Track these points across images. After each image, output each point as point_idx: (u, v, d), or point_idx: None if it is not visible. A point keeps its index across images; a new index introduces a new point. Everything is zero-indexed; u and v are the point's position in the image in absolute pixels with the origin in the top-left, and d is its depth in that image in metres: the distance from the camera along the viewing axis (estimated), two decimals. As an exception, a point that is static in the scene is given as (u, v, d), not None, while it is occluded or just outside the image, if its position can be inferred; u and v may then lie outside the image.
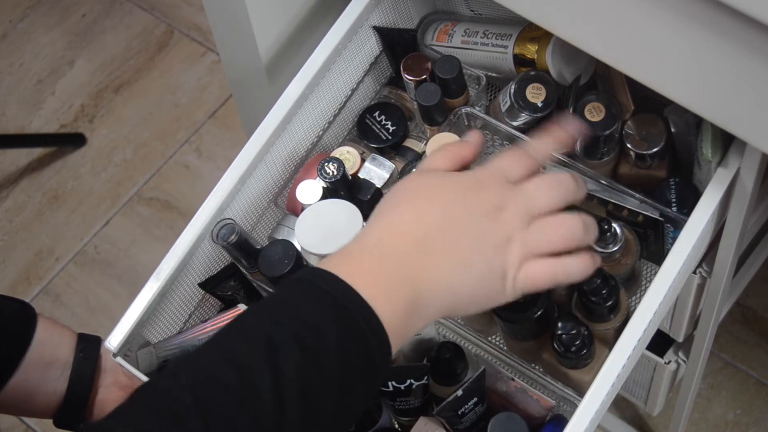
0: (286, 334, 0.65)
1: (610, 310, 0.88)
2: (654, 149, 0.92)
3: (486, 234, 0.73)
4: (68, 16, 2.05)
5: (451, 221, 0.73)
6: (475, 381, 0.88)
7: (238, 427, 0.61)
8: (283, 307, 0.68)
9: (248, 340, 0.66)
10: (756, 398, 1.53)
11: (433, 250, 0.72)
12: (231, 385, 0.63)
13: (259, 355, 0.64)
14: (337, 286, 0.68)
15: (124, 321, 0.90)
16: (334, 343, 0.66)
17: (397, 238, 0.72)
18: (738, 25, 0.67)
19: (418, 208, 0.74)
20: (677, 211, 0.92)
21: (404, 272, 0.70)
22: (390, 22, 1.02)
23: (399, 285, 0.70)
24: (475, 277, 0.73)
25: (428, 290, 0.71)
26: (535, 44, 0.95)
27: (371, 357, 0.67)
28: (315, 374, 0.65)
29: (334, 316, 0.67)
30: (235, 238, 0.89)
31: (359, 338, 0.67)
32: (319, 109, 0.99)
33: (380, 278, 0.70)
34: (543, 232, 0.75)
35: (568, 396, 0.90)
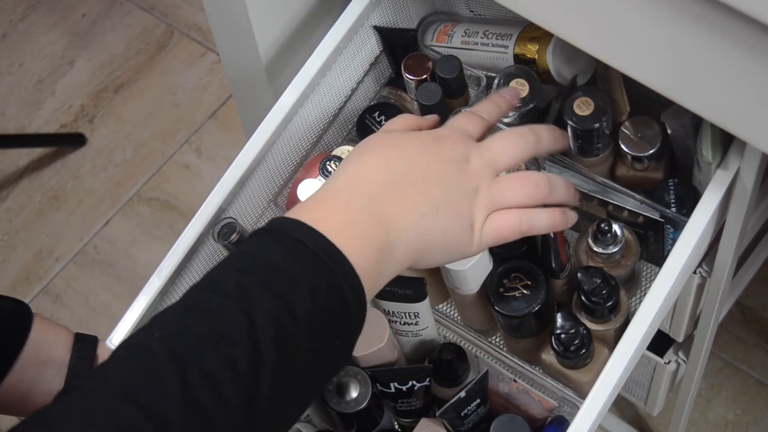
0: (256, 280, 0.66)
1: (611, 310, 0.88)
2: (650, 151, 0.93)
3: (454, 181, 0.75)
4: (68, 16, 2.05)
5: (419, 167, 0.75)
6: (478, 382, 0.88)
7: (214, 374, 0.61)
8: (250, 256, 0.68)
9: (218, 291, 0.66)
10: (756, 398, 1.53)
11: (402, 193, 0.73)
12: (204, 334, 0.63)
13: (231, 303, 0.64)
14: (305, 232, 0.68)
15: (126, 320, 0.90)
16: (306, 287, 0.66)
17: (365, 182, 0.73)
18: (738, 25, 0.67)
19: (385, 155, 0.75)
20: (676, 212, 0.92)
21: (373, 214, 0.71)
22: (390, 22, 1.02)
23: (368, 227, 0.71)
24: (444, 221, 0.74)
25: (398, 230, 0.72)
26: (535, 44, 0.95)
27: (345, 301, 0.67)
28: (288, 318, 0.64)
29: (303, 261, 0.67)
30: (236, 237, 0.89)
31: (330, 282, 0.67)
32: (319, 109, 0.99)
33: (349, 222, 0.70)
34: (508, 186, 0.77)
35: (569, 397, 0.90)
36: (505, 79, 0.94)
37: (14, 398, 0.89)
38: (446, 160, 0.76)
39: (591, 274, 0.87)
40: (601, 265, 0.91)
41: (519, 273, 0.89)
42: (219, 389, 0.61)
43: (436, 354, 0.92)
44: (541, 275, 0.89)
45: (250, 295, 0.65)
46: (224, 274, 0.68)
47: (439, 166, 0.75)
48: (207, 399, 0.61)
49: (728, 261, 0.97)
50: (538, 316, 0.89)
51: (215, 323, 0.63)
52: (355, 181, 0.74)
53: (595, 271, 0.87)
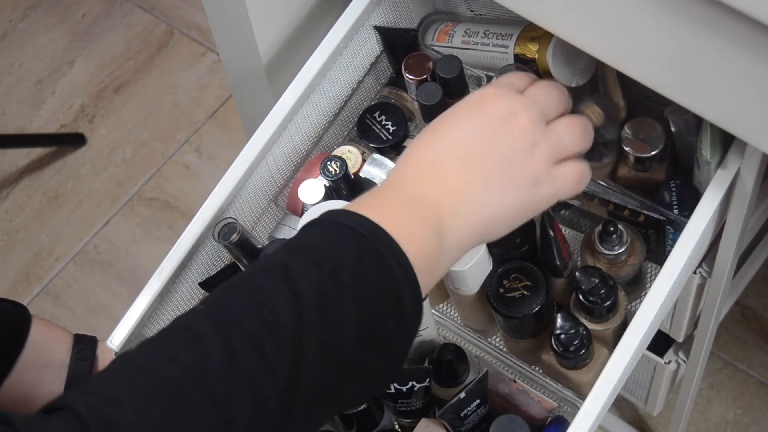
0: (303, 259, 0.65)
1: (609, 309, 0.88)
2: (653, 152, 0.92)
3: (503, 144, 0.72)
4: (68, 16, 2.05)
5: (461, 141, 0.73)
6: (478, 383, 0.88)
7: (257, 338, 0.61)
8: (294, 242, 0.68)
9: (263, 270, 0.66)
10: (756, 398, 1.53)
11: (448, 173, 0.72)
12: (247, 304, 0.63)
13: (274, 279, 0.64)
14: (352, 218, 0.68)
15: (126, 320, 0.89)
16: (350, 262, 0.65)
17: (411, 168, 0.73)
18: (738, 25, 0.67)
19: (428, 141, 0.74)
20: (677, 213, 0.92)
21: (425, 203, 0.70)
22: (390, 22, 1.02)
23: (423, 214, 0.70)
24: (501, 190, 0.72)
25: (451, 215, 0.70)
26: (535, 44, 0.95)
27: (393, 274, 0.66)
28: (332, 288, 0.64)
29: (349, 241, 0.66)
30: (237, 237, 0.89)
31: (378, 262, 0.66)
32: (319, 109, 0.99)
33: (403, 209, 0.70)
34: (569, 132, 0.75)
35: (569, 398, 0.90)
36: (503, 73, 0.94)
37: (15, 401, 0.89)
38: (490, 123, 0.73)
39: (589, 273, 0.87)
40: (608, 265, 0.91)
41: (519, 274, 0.89)
42: (262, 353, 0.61)
43: (435, 354, 0.92)
44: (541, 276, 0.89)
45: (294, 271, 0.64)
46: (271, 258, 0.68)
47: (483, 132, 0.73)
48: (250, 361, 0.60)
49: (728, 261, 0.97)
50: (538, 316, 0.89)
51: (258, 293, 0.64)
52: (402, 169, 0.74)
53: (593, 271, 0.87)
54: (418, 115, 0.98)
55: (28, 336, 0.89)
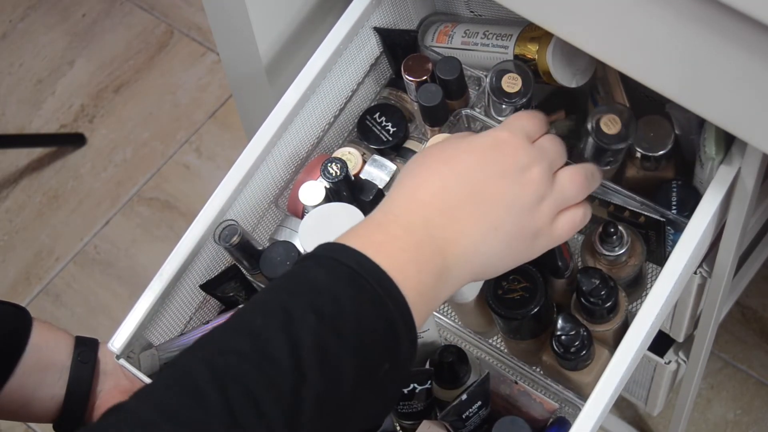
0: (301, 302, 0.65)
1: (609, 311, 0.88)
2: (662, 151, 0.92)
3: (515, 195, 0.73)
4: (68, 16, 2.05)
5: (477, 186, 0.73)
6: (479, 385, 0.88)
7: (257, 394, 0.61)
8: (297, 280, 0.68)
9: (262, 313, 0.65)
10: (756, 398, 1.53)
11: (460, 216, 0.71)
12: (247, 354, 0.62)
13: (275, 325, 0.63)
14: (351, 256, 0.67)
15: (127, 323, 0.89)
16: (351, 310, 0.65)
17: (422, 206, 0.72)
18: (738, 25, 0.67)
19: (440, 175, 0.73)
20: (677, 213, 0.92)
21: (431, 239, 0.70)
22: (390, 23, 1.02)
23: (426, 253, 0.69)
24: (503, 240, 0.73)
25: (457, 256, 0.71)
26: (535, 44, 0.95)
27: (391, 323, 0.66)
28: (332, 339, 0.64)
29: (349, 285, 0.66)
30: (238, 239, 0.89)
31: (376, 305, 0.66)
32: (319, 111, 0.99)
33: (406, 247, 0.69)
34: (574, 185, 0.76)
35: (570, 399, 0.90)
36: (498, 75, 0.93)
37: (16, 404, 0.89)
38: (505, 173, 0.73)
39: (590, 275, 0.87)
40: (608, 267, 0.91)
41: (517, 275, 0.89)
42: (261, 408, 0.60)
43: (437, 356, 0.92)
44: (540, 277, 0.89)
45: (294, 317, 0.64)
46: (269, 296, 0.67)
47: (498, 180, 0.73)
48: (249, 418, 0.60)
49: (729, 261, 0.97)
50: (537, 318, 0.89)
51: (258, 343, 0.63)
52: (411, 202, 0.72)
53: (593, 272, 0.87)
54: (418, 116, 0.98)
55: (29, 339, 0.89)
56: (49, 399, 0.90)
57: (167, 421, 0.60)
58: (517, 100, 0.92)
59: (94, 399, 0.91)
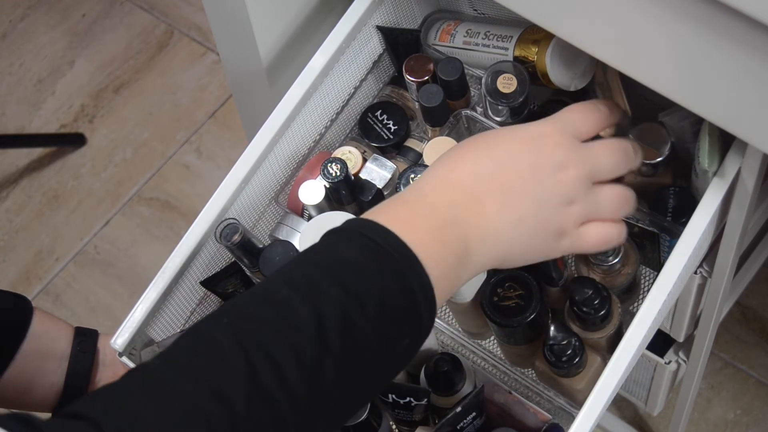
0: (327, 275, 0.65)
1: (602, 319, 0.88)
2: (660, 158, 0.92)
3: (546, 191, 0.73)
4: (68, 16, 2.05)
5: (509, 173, 0.72)
6: (474, 396, 0.88)
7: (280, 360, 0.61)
8: (323, 253, 0.68)
9: (287, 282, 0.66)
10: (756, 398, 1.53)
11: (487, 201, 0.71)
12: (272, 323, 0.63)
13: (300, 296, 0.64)
14: (379, 232, 0.67)
15: (130, 320, 0.89)
16: (376, 283, 0.65)
17: (451, 186, 0.72)
18: (738, 25, 0.67)
19: (475, 158, 0.73)
20: (673, 219, 0.91)
21: (456, 221, 0.70)
22: (393, 21, 1.02)
23: (449, 234, 0.70)
24: (528, 232, 0.73)
25: (478, 242, 0.71)
26: (535, 46, 0.95)
27: (415, 299, 0.66)
28: (356, 312, 0.64)
29: (374, 259, 0.66)
30: (239, 238, 0.89)
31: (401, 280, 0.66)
32: (321, 108, 0.99)
33: (431, 226, 0.69)
34: (609, 202, 0.75)
35: (564, 407, 0.90)
36: (493, 76, 0.94)
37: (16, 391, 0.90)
38: (540, 167, 0.73)
39: (583, 284, 0.87)
40: (602, 275, 0.91)
41: (513, 282, 0.89)
42: (283, 374, 0.61)
43: (432, 365, 0.92)
44: (535, 285, 0.89)
45: (319, 288, 0.64)
46: (294, 268, 0.68)
47: (531, 172, 0.73)
48: (271, 383, 0.61)
49: (729, 261, 0.97)
50: (532, 325, 0.89)
51: (282, 312, 0.64)
52: (442, 183, 0.72)
53: (587, 282, 0.87)
54: (420, 114, 0.98)
55: (29, 327, 0.89)
56: (48, 387, 0.91)
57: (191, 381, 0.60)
58: (512, 100, 0.92)
59: (93, 388, 0.92)
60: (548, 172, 0.73)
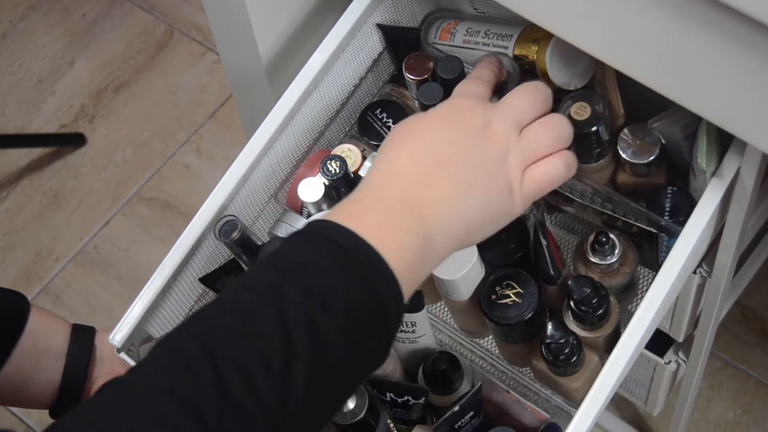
0: (289, 279, 0.66)
1: (600, 318, 0.88)
2: (649, 158, 0.92)
3: (481, 151, 0.74)
4: (68, 16, 2.05)
5: (443, 149, 0.74)
6: (472, 396, 0.88)
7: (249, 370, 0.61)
8: (284, 257, 0.69)
9: (250, 289, 0.66)
10: (756, 398, 1.53)
11: (433, 182, 0.73)
12: (238, 330, 0.63)
13: (263, 300, 0.64)
14: (337, 232, 0.68)
15: (129, 316, 0.90)
16: (339, 285, 0.66)
17: (396, 177, 0.73)
18: (738, 25, 0.67)
19: (410, 145, 0.75)
20: (671, 219, 0.91)
21: (409, 208, 0.71)
22: (393, 19, 1.02)
23: (406, 222, 0.70)
24: (480, 197, 0.74)
25: (437, 222, 0.71)
26: (535, 45, 0.95)
27: (380, 296, 0.67)
28: (321, 314, 0.64)
29: (336, 260, 0.67)
30: (238, 235, 0.90)
31: (364, 278, 0.66)
32: (321, 106, 0.99)
33: (386, 219, 0.70)
34: (538, 137, 0.76)
35: (561, 406, 0.90)
36: None
37: (13, 388, 0.90)
38: (468, 133, 0.75)
39: (581, 283, 0.87)
40: (600, 274, 0.91)
41: (510, 280, 0.89)
42: (253, 384, 0.61)
43: (430, 363, 0.92)
44: (533, 282, 0.89)
45: (282, 293, 0.65)
46: (257, 274, 0.68)
47: (463, 140, 0.74)
48: (241, 393, 0.61)
49: (728, 261, 0.97)
50: (530, 323, 0.89)
51: (248, 320, 0.64)
52: (388, 177, 0.74)
53: (585, 280, 0.87)
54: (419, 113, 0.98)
55: (26, 323, 0.90)
56: (46, 384, 0.91)
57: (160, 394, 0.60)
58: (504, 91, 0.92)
59: (91, 385, 0.92)
60: (476, 135, 0.75)
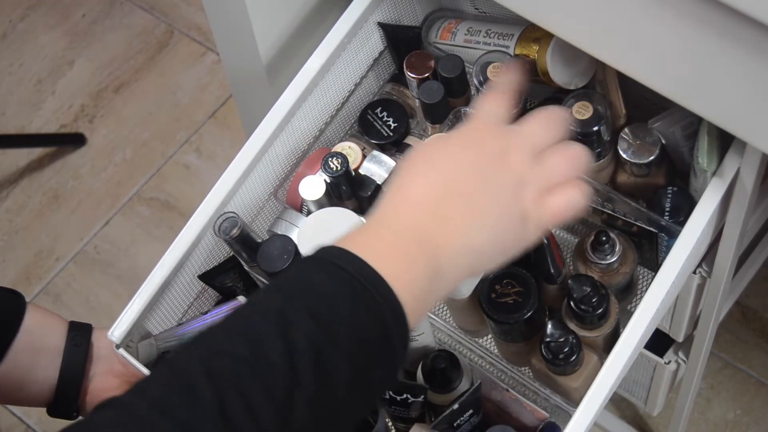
0: (298, 306, 0.65)
1: (600, 317, 0.88)
2: (649, 158, 0.92)
3: (496, 182, 0.73)
4: (68, 16, 2.05)
5: (459, 179, 0.73)
6: (471, 394, 0.88)
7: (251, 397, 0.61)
8: (295, 282, 0.68)
9: (259, 315, 0.66)
10: (756, 398, 1.53)
11: (447, 213, 0.71)
12: (243, 357, 0.63)
13: (271, 328, 0.64)
14: (348, 260, 0.67)
15: (128, 312, 0.90)
16: (347, 315, 0.65)
17: (408, 206, 0.72)
18: (738, 25, 0.67)
19: (425, 175, 0.73)
20: (670, 219, 0.91)
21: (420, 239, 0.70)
22: (394, 19, 1.02)
23: (416, 253, 0.70)
24: (493, 230, 0.72)
25: (449, 256, 0.71)
26: (536, 45, 0.95)
27: (386, 328, 0.66)
28: (328, 344, 0.64)
29: (347, 288, 0.66)
30: (237, 231, 0.90)
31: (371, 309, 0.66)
32: (321, 104, 0.99)
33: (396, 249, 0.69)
34: (556, 166, 0.75)
35: (560, 405, 0.90)
36: (482, 68, 0.94)
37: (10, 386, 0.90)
38: (485, 163, 0.73)
39: (581, 282, 0.87)
40: (600, 274, 0.91)
41: (511, 279, 0.89)
42: (254, 412, 0.61)
43: (429, 362, 0.92)
44: (533, 281, 0.89)
45: (291, 320, 0.64)
46: (266, 299, 0.68)
47: (479, 171, 0.73)
48: (242, 421, 0.60)
49: (728, 261, 0.97)
50: (530, 322, 0.89)
51: (254, 346, 0.63)
52: (402, 206, 0.72)
53: (585, 279, 0.87)
54: (420, 112, 0.98)
55: (22, 322, 0.90)
56: (43, 382, 0.91)
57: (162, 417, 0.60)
58: None
59: (88, 383, 0.92)
60: (493, 164, 0.73)
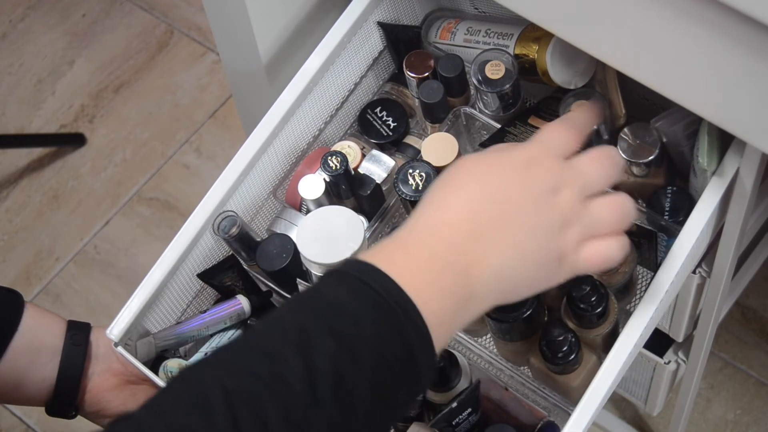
0: (321, 324, 0.63)
1: (599, 316, 0.88)
2: (649, 158, 0.92)
3: (541, 218, 0.70)
4: (68, 16, 2.05)
5: (503, 207, 0.70)
6: (470, 392, 0.88)
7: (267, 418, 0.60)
8: (319, 298, 0.66)
9: (281, 331, 0.64)
10: (756, 398, 1.53)
11: (486, 240, 0.69)
12: (261, 376, 0.61)
13: (292, 346, 0.62)
14: (378, 278, 0.65)
15: (126, 310, 0.90)
16: (371, 334, 0.63)
17: (448, 228, 0.69)
18: (738, 25, 0.67)
19: (470, 195, 0.70)
20: (670, 218, 0.91)
21: (454, 263, 0.68)
22: (394, 18, 1.02)
23: (448, 278, 0.67)
24: (529, 263, 0.70)
25: (481, 281, 0.68)
26: (536, 44, 0.95)
27: (410, 350, 0.64)
28: (349, 365, 0.62)
29: (371, 307, 0.64)
30: (236, 230, 0.90)
31: (397, 330, 0.64)
32: (321, 104, 0.99)
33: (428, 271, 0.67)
34: (603, 216, 0.72)
35: (559, 404, 0.90)
36: (480, 66, 0.94)
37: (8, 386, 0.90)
38: (535, 195, 0.70)
39: (580, 281, 0.87)
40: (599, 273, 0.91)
41: None
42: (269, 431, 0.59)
43: None
44: None
45: (312, 338, 0.62)
46: (289, 314, 0.66)
47: (526, 202, 0.70)
48: None
49: (728, 261, 0.97)
50: (529, 321, 0.89)
51: (273, 365, 0.62)
52: (438, 225, 0.70)
53: (584, 279, 0.87)
54: (419, 112, 0.98)
55: (20, 321, 0.89)
56: (41, 381, 0.91)
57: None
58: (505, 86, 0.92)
59: (86, 382, 0.92)
60: (543, 199, 0.70)
